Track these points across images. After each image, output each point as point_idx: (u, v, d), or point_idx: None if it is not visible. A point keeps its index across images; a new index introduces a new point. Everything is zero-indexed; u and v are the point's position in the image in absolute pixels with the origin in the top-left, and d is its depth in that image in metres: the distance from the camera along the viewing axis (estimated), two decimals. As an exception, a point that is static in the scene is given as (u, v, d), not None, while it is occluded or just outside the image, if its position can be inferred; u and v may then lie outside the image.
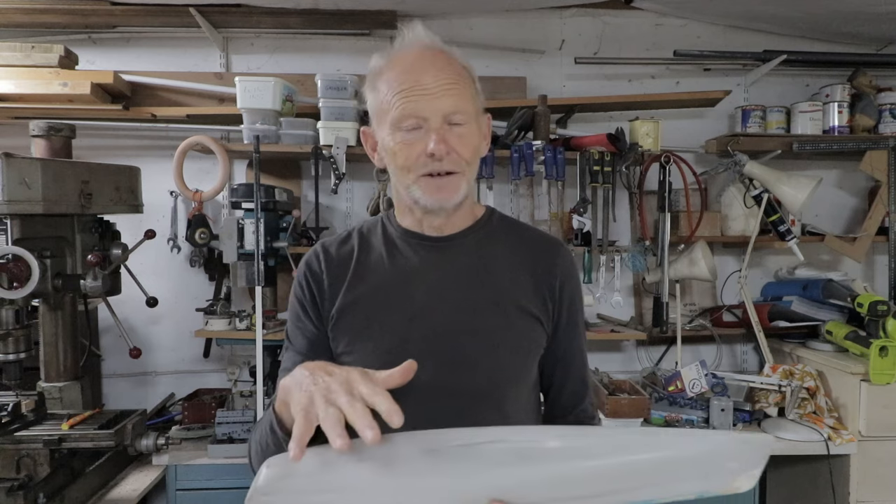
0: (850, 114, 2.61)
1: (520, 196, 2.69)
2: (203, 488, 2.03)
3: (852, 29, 2.63)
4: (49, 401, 1.92)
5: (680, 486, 0.70)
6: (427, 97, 0.91)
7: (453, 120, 0.93)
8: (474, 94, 0.98)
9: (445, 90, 0.92)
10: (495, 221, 1.08)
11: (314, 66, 2.56)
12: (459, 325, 0.97)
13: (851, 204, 2.85)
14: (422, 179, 0.95)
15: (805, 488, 2.36)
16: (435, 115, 0.92)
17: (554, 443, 0.72)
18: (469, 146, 0.95)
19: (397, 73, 0.94)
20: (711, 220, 2.64)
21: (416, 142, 0.93)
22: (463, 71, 0.97)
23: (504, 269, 1.02)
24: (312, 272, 1.04)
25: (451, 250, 1.02)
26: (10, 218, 1.75)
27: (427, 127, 0.92)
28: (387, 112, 0.94)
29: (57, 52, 2.25)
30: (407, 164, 0.94)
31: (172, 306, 2.56)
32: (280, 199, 2.37)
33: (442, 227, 1.02)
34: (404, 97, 0.92)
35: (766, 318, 2.53)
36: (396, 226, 1.05)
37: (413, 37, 0.97)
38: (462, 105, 0.94)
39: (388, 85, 0.94)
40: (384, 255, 1.03)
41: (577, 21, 2.72)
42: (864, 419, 2.11)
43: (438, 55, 0.95)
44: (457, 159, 0.94)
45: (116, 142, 2.57)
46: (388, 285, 1.00)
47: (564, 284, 1.04)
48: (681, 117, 2.72)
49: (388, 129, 0.95)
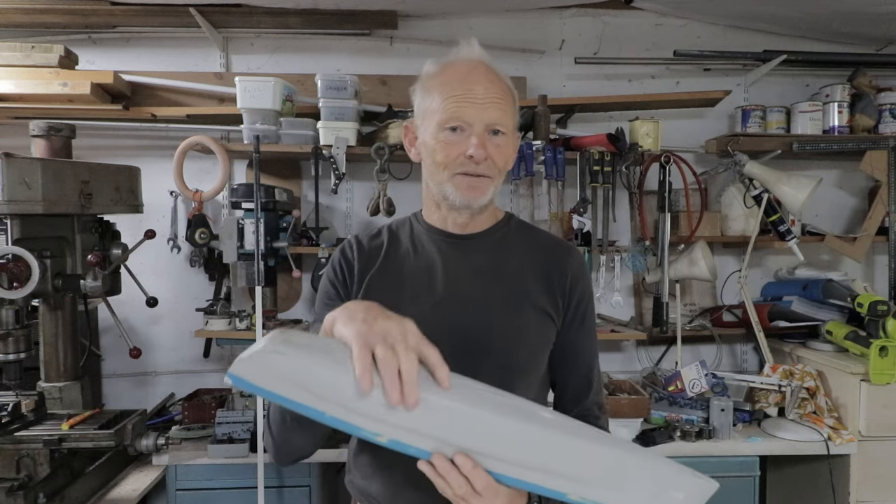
0: (850, 114, 2.61)
1: (520, 196, 2.69)
2: (203, 488, 2.03)
3: (852, 29, 2.63)
4: (49, 401, 1.92)
5: (629, 496, 0.76)
6: (476, 105, 0.99)
7: (495, 128, 1.01)
8: (514, 113, 1.07)
9: (492, 102, 1.00)
10: (513, 224, 1.16)
11: (314, 66, 2.57)
12: (476, 317, 1.03)
13: (851, 204, 2.85)
14: (457, 177, 1.02)
15: (805, 488, 2.36)
16: (479, 123, 1.00)
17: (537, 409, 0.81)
18: (503, 156, 1.03)
19: (451, 79, 1.02)
20: (711, 220, 2.64)
21: (458, 143, 1.00)
22: (508, 90, 1.05)
23: (519, 267, 1.09)
24: (346, 258, 1.12)
25: (472, 247, 1.10)
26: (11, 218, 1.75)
27: (470, 132, 1.00)
28: (435, 112, 1.02)
29: (57, 52, 2.25)
30: (445, 162, 1.01)
31: (172, 306, 2.56)
32: (280, 199, 2.37)
33: (465, 225, 1.09)
34: (455, 102, 1.00)
35: (766, 318, 2.53)
36: (423, 222, 1.13)
37: (469, 50, 1.06)
38: (504, 119, 1.02)
39: (441, 89, 1.02)
40: (410, 250, 1.11)
41: (577, 21, 2.72)
42: (864, 419, 2.11)
43: (490, 71, 1.04)
44: (491, 166, 1.02)
45: (116, 142, 2.58)
46: (413, 276, 1.07)
47: (575, 283, 1.10)
48: (681, 117, 2.72)
49: (434, 129, 1.02)
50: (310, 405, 0.72)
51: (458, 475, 0.75)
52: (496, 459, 0.76)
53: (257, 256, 2.13)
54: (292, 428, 0.95)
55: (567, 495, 0.76)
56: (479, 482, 0.76)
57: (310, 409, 0.73)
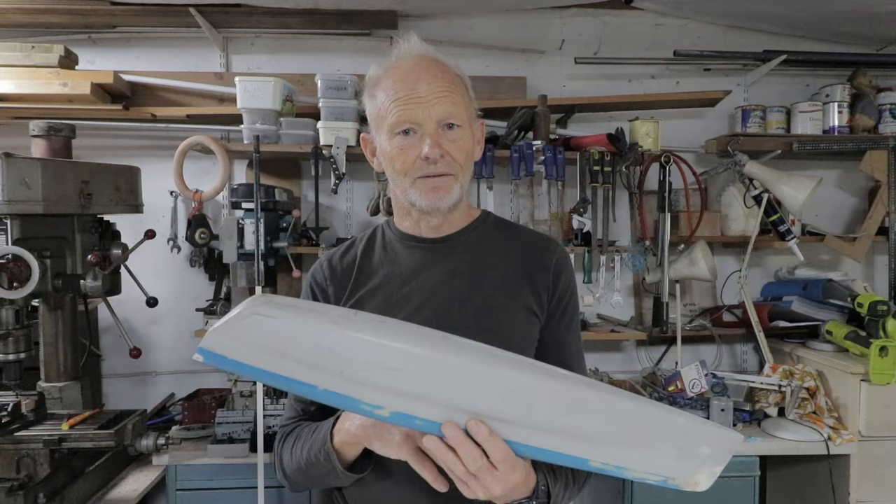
0: (850, 114, 2.61)
1: (520, 196, 2.69)
2: (203, 488, 2.03)
3: (852, 29, 2.63)
4: (49, 401, 1.92)
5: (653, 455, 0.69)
6: (422, 104, 0.96)
7: (448, 122, 0.98)
8: (468, 101, 1.03)
9: (439, 97, 0.97)
10: (490, 222, 1.13)
11: (314, 66, 2.56)
12: (456, 321, 0.99)
13: (851, 204, 2.85)
14: (418, 182, 0.99)
15: (805, 488, 2.36)
16: (429, 121, 0.97)
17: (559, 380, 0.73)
18: (462, 150, 1.00)
19: (393, 81, 0.99)
20: (711, 220, 2.64)
21: (412, 147, 0.97)
22: (456, 79, 1.01)
23: (499, 264, 1.05)
24: (318, 283, 1.11)
25: (448, 250, 1.06)
26: (11, 218, 1.74)
27: (422, 132, 0.97)
28: (384, 118, 0.99)
29: (57, 52, 2.25)
30: (404, 168, 0.99)
31: (172, 306, 2.56)
32: (280, 199, 2.37)
33: (439, 227, 1.06)
34: (400, 104, 0.97)
35: (766, 318, 2.53)
36: (395, 230, 1.10)
37: (408, 47, 1.02)
38: (455, 111, 0.98)
39: (385, 93, 0.99)
40: (383, 259, 1.08)
41: (577, 21, 2.72)
42: (864, 419, 2.11)
43: (433, 64, 1.00)
44: (450, 162, 0.98)
45: (116, 142, 2.57)
46: (387, 286, 1.05)
47: (558, 276, 1.06)
48: (681, 117, 2.72)
49: (386, 135, 1.00)
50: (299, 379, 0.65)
51: (472, 446, 0.69)
52: (513, 424, 0.69)
53: (257, 256, 2.14)
54: (313, 480, 0.98)
55: (588, 461, 0.70)
56: (497, 452, 0.70)
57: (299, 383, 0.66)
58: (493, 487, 0.73)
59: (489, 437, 0.69)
